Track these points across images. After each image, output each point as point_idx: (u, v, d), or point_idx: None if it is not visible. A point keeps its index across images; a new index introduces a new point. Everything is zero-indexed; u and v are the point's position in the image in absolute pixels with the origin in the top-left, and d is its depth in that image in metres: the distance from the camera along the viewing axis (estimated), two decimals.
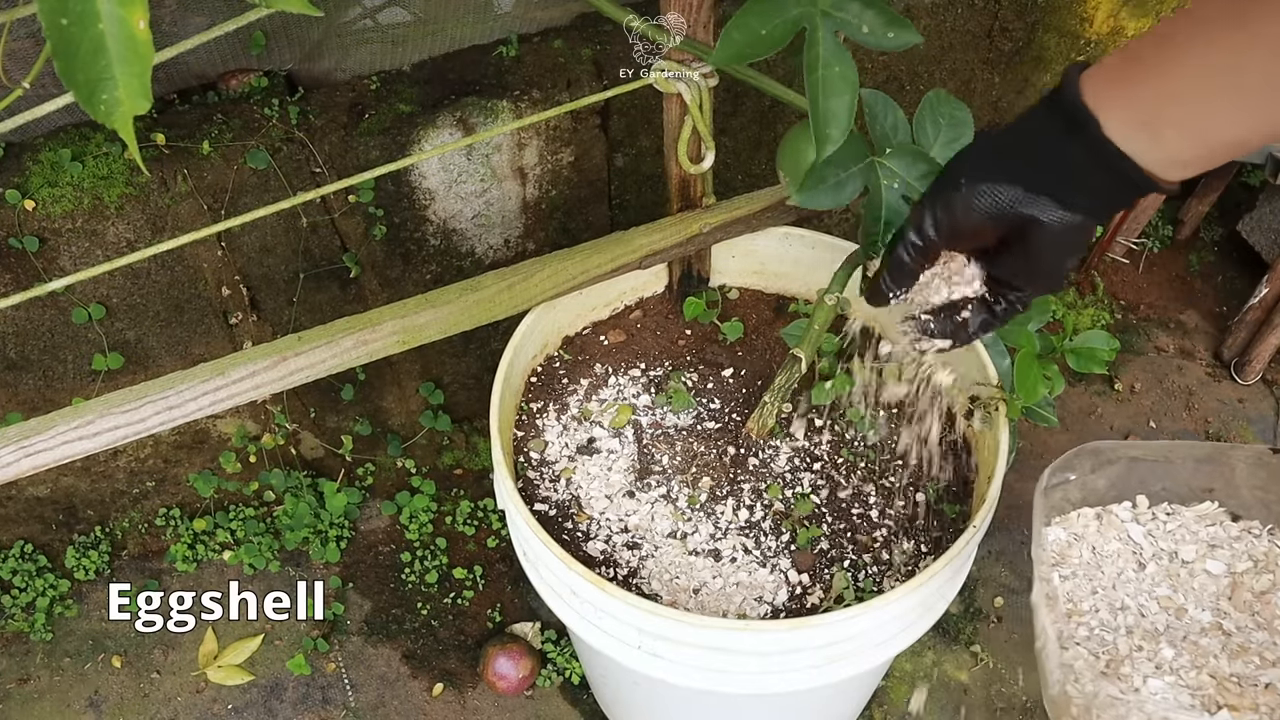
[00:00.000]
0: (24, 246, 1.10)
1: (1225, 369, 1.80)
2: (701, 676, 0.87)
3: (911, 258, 0.64)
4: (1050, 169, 0.56)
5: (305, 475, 1.52)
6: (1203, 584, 0.91)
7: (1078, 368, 0.91)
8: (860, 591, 0.94)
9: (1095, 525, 0.95)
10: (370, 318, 0.90)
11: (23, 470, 0.84)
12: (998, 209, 0.58)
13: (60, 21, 0.47)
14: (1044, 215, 0.56)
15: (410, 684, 1.45)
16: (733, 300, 1.17)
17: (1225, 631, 0.87)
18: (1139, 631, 0.87)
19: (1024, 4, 1.38)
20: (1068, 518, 0.95)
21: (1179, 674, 0.83)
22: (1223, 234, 1.95)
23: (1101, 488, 0.96)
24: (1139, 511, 0.96)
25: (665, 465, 1.03)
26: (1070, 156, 0.54)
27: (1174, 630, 0.88)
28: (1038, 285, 0.64)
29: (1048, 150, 0.56)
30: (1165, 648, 0.86)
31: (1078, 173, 0.55)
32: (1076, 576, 0.92)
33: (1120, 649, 0.86)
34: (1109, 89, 0.52)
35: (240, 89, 1.18)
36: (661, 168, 1.01)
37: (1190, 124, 0.50)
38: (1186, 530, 0.95)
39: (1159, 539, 0.94)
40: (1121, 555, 0.93)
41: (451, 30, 1.21)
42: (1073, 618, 0.89)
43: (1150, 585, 0.91)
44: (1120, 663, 0.84)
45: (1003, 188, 0.57)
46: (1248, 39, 0.47)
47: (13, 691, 1.43)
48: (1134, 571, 0.92)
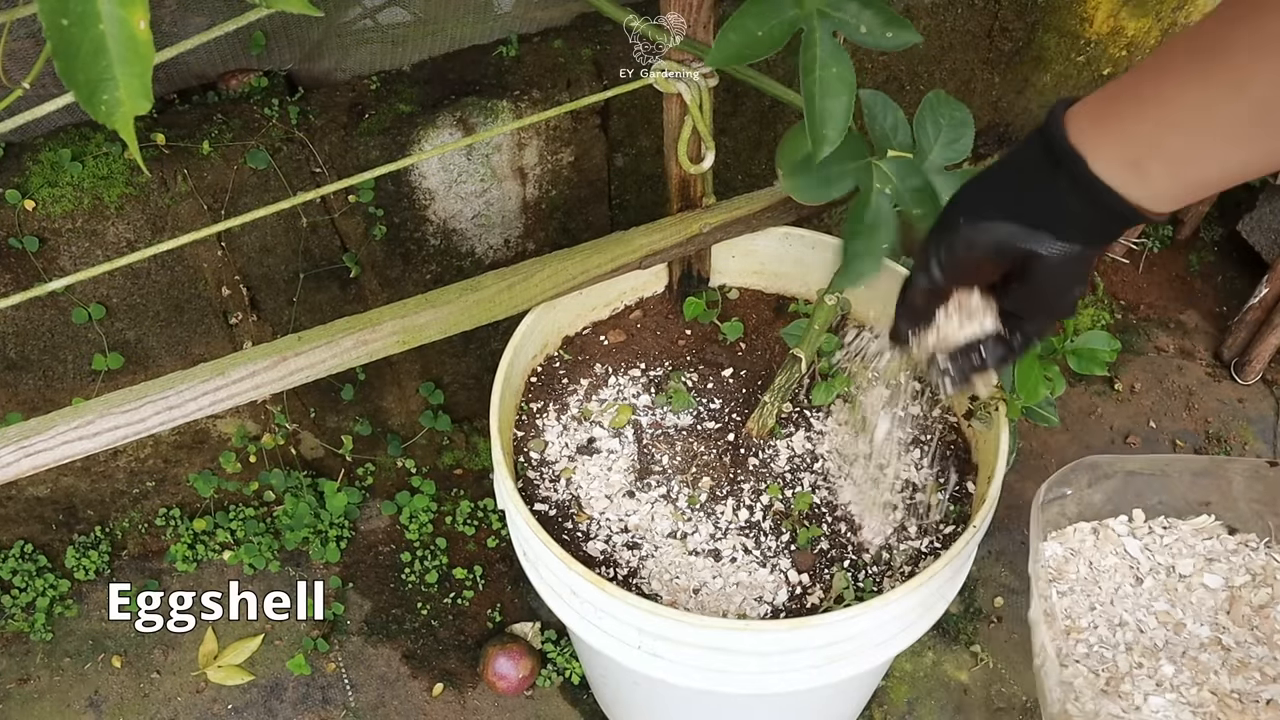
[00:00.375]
0: (24, 246, 1.10)
1: (1225, 369, 1.80)
2: (701, 676, 0.87)
3: (923, 299, 0.65)
4: (1042, 206, 0.56)
5: (305, 475, 1.52)
6: (1201, 598, 0.90)
7: (1078, 369, 0.91)
8: (860, 591, 0.94)
9: (1092, 540, 0.94)
10: (370, 318, 0.90)
11: (23, 470, 0.84)
12: (997, 245, 0.58)
13: (61, 22, 0.47)
14: (1043, 249, 0.57)
15: (410, 684, 1.45)
16: (733, 300, 1.17)
17: (1225, 646, 0.87)
18: (1138, 648, 0.87)
19: (1024, 4, 1.38)
20: (1064, 533, 0.94)
21: (1180, 690, 0.83)
22: (1223, 234, 1.95)
23: (1098, 502, 0.95)
24: (1135, 525, 0.96)
25: (665, 465, 1.03)
26: (1060, 194, 0.55)
27: (1173, 646, 0.87)
28: (1049, 315, 0.64)
29: (1038, 188, 0.56)
30: (1165, 664, 0.85)
31: (1069, 209, 0.55)
32: (1074, 592, 0.91)
33: (1120, 666, 0.85)
34: (1094, 127, 0.53)
35: (240, 89, 1.18)
36: (661, 168, 1.01)
37: (1177, 162, 0.50)
38: (1184, 544, 0.94)
39: (1156, 553, 0.94)
40: (1119, 570, 0.92)
41: (451, 30, 1.21)
42: (1071, 634, 0.88)
43: (1148, 600, 0.91)
44: (1120, 680, 0.84)
45: (1000, 225, 0.58)
46: (1233, 75, 0.46)
47: (13, 691, 1.43)
48: (1131, 586, 0.92)
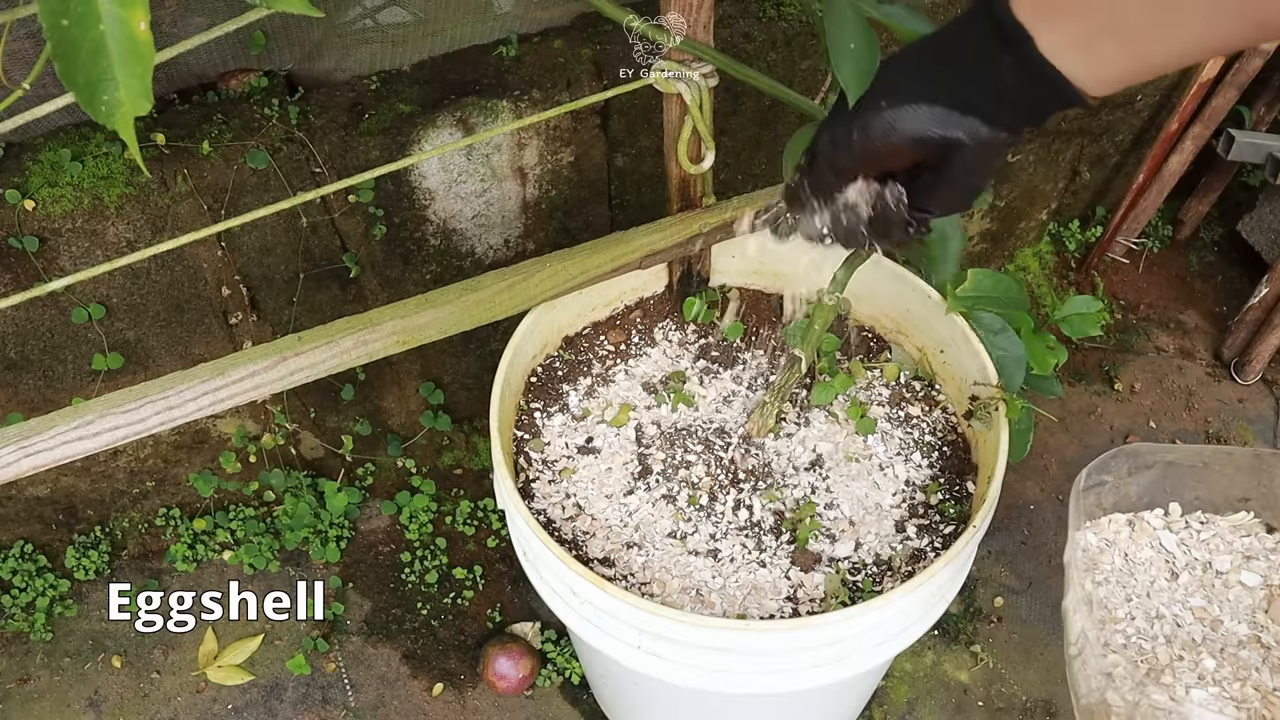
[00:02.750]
0: (24, 246, 1.10)
1: (1225, 369, 1.80)
2: (701, 676, 0.87)
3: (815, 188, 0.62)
4: (978, 88, 0.52)
5: (305, 475, 1.52)
6: (1238, 596, 0.89)
7: (1073, 334, 0.94)
8: (860, 591, 0.94)
9: (1127, 532, 0.93)
10: (370, 318, 0.90)
11: (23, 470, 0.84)
12: (921, 131, 0.54)
13: (61, 22, 0.47)
14: (970, 137, 0.53)
15: (410, 684, 1.45)
16: (733, 300, 1.17)
17: (1264, 645, 0.85)
18: (1177, 641, 0.85)
19: None
20: (1099, 523, 0.93)
21: (1222, 685, 0.81)
22: (1223, 234, 1.95)
23: (1134, 494, 0.94)
24: (1171, 519, 0.95)
25: (665, 465, 1.03)
26: (1000, 75, 0.51)
27: (1211, 641, 0.86)
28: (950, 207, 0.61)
29: (976, 68, 0.52)
30: (1206, 658, 0.83)
31: (1007, 91, 0.52)
32: (1109, 583, 0.90)
33: (1160, 658, 0.83)
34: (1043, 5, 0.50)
35: (240, 89, 1.18)
36: (661, 168, 1.01)
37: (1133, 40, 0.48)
38: (1221, 540, 0.93)
39: (1192, 548, 0.93)
40: (1154, 564, 0.91)
41: (451, 30, 1.21)
42: (1108, 625, 0.87)
43: (1184, 595, 0.89)
44: (1161, 672, 0.82)
45: (927, 109, 0.53)
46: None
47: (13, 691, 1.43)
48: (1166, 581, 0.90)
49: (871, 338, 1.14)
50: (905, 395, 1.08)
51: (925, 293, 1.05)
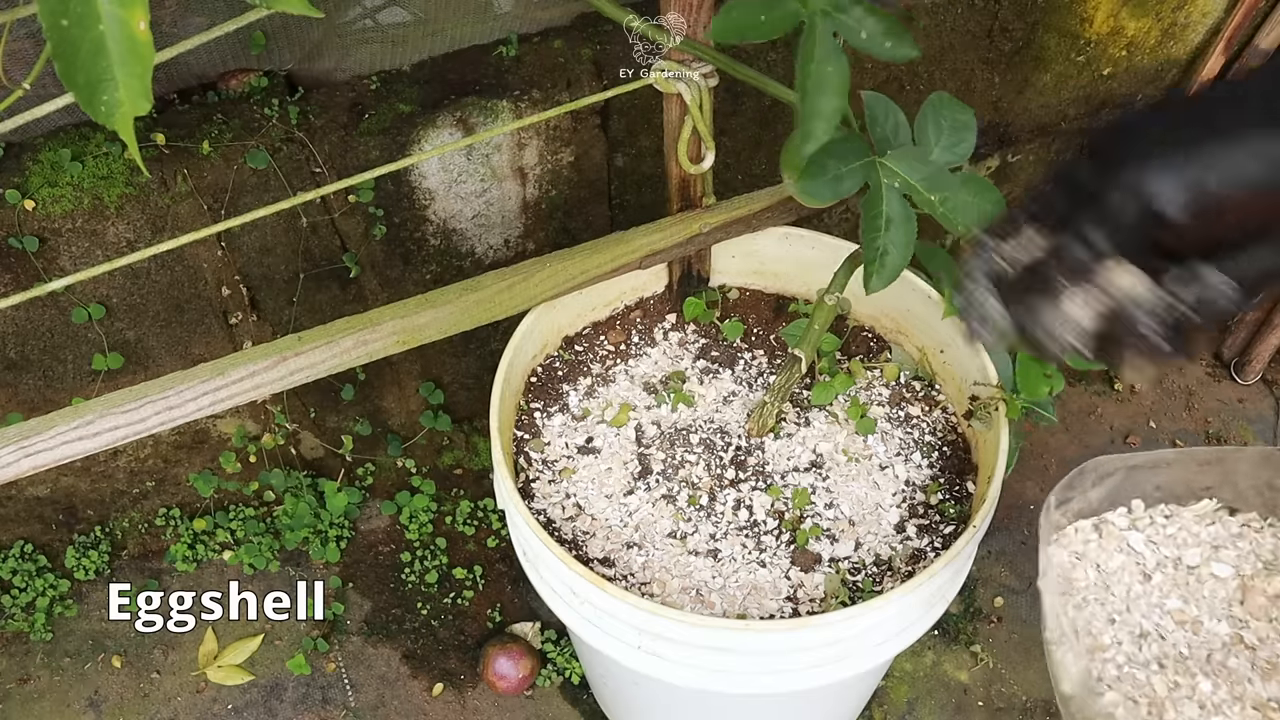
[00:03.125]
0: (24, 246, 1.10)
1: (1225, 369, 1.80)
2: (701, 676, 0.87)
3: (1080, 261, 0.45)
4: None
5: (305, 475, 1.52)
6: (1212, 590, 0.88)
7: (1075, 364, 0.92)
8: (860, 591, 0.94)
9: (1095, 539, 0.92)
10: (370, 318, 0.90)
11: (23, 470, 0.84)
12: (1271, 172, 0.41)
13: (61, 23, 0.47)
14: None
15: (410, 684, 1.45)
16: (733, 300, 1.17)
17: (1248, 645, 0.85)
18: (1170, 664, 0.84)
19: (1024, 4, 1.38)
20: (1065, 534, 0.92)
21: (1223, 711, 0.81)
22: None
23: (1096, 499, 0.93)
24: (1136, 516, 0.94)
25: (665, 465, 1.03)
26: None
27: (1197, 650, 0.85)
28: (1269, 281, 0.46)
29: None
30: (1202, 681, 0.82)
31: None
32: (1089, 604, 0.89)
33: (1157, 689, 0.82)
34: None
35: (240, 89, 1.18)
36: (661, 168, 1.01)
37: None
38: (1187, 532, 0.93)
39: (1160, 545, 0.92)
40: (1126, 569, 0.91)
41: (451, 30, 1.21)
42: (1096, 654, 0.85)
43: (1160, 598, 0.88)
44: (1162, 707, 0.81)
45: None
46: None
47: (13, 691, 1.43)
48: (1140, 585, 0.89)
49: (871, 338, 1.14)
50: (905, 395, 1.08)
51: (925, 293, 1.05)
